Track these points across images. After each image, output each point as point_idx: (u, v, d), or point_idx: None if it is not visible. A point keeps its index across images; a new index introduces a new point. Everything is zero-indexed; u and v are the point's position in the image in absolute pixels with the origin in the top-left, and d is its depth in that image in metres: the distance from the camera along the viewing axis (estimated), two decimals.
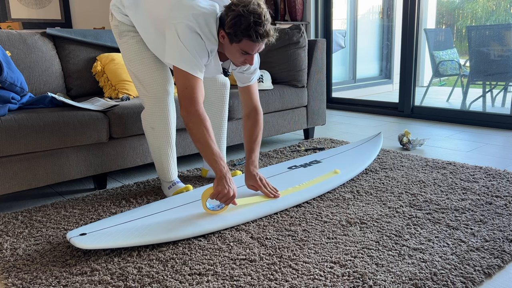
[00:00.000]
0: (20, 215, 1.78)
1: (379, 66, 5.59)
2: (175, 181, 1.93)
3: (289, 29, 2.79)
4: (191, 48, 1.56)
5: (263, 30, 1.53)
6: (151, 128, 1.83)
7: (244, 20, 1.51)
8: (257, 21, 1.51)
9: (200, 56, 1.59)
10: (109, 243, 1.40)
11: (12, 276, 1.31)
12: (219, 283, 1.24)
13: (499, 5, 3.96)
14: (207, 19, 1.58)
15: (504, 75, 3.64)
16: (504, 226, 1.53)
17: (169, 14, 1.60)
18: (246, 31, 1.52)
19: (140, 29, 1.74)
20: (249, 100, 1.87)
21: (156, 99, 1.78)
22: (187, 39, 1.55)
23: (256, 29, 1.52)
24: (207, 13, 1.59)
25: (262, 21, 1.52)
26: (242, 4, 1.53)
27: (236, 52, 1.59)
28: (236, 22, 1.52)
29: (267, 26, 1.54)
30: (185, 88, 1.57)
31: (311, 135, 3.03)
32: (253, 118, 1.86)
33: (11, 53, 2.24)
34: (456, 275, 1.24)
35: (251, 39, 1.53)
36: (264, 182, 1.79)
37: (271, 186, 1.80)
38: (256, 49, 1.58)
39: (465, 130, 3.17)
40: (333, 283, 1.23)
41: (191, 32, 1.55)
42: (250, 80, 1.85)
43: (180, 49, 1.56)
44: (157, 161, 1.90)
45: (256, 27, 1.51)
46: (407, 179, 2.06)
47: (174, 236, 1.48)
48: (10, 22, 4.20)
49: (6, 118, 1.78)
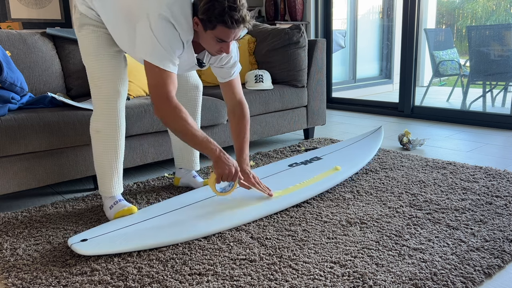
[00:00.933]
0: (20, 215, 1.78)
1: (379, 66, 5.59)
2: (117, 199, 1.72)
3: (289, 29, 2.79)
4: (164, 40, 1.47)
5: (238, 15, 1.45)
6: (96, 131, 1.65)
7: (218, 5, 1.43)
8: (232, 6, 1.43)
9: (173, 48, 1.50)
10: (110, 249, 1.40)
11: (12, 276, 1.31)
12: (219, 283, 1.24)
13: (499, 5, 3.96)
14: (182, 6, 1.50)
15: (504, 75, 3.64)
16: (504, 226, 1.53)
17: (141, 3, 1.51)
18: (221, 16, 1.44)
19: (108, 22, 1.62)
20: (232, 95, 1.80)
21: (105, 99, 1.63)
22: (160, 31, 1.47)
23: (231, 15, 1.44)
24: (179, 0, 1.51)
25: (237, 6, 1.44)
26: None
27: (211, 40, 1.51)
28: (209, 7, 1.44)
29: (242, 12, 1.46)
30: (156, 84, 1.50)
31: (311, 135, 3.03)
32: (238, 113, 1.79)
33: (11, 53, 2.24)
34: (456, 275, 1.24)
35: (226, 25, 1.45)
36: (258, 180, 1.77)
37: (263, 185, 1.79)
38: (232, 36, 1.50)
39: (465, 130, 3.17)
40: (333, 283, 1.23)
41: (165, 22, 1.47)
42: (231, 74, 1.77)
43: (151, 42, 1.47)
44: (99, 171, 1.70)
45: (231, 12, 1.43)
46: (407, 179, 2.06)
47: (174, 239, 1.48)
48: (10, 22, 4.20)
49: (6, 118, 1.78)
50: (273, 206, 1.71)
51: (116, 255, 1.42)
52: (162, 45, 1.47)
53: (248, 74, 2.74)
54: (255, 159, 2.51)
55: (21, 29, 4.13)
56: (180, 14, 1.49)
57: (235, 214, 1.64)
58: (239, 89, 1.81)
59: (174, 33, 1.49)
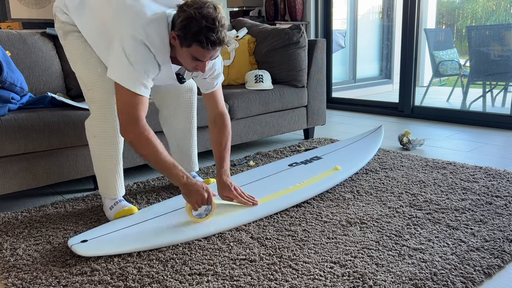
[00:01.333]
0: (20, 215, 1.78)
1: (379, 66, 5.59)
2: (118, 199, 1.72)
3: (289, 29, 2.79)
4: (137, 63, 1.42)
5: (215, 37, 1.38)
6: (93, 136, 1.64)
7: (195, 24, 1.36)
8: (210, 27, 1.37)
9: (146, 71, 1.45)
10: (110, 250, 1.40)
11: (12, 276, 1.31)
12: (219, 283, 1.24)
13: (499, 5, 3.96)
14: (157, 27, 1.44)
15: (504, 75, 3.64)
16: (504, 226, 1.53)
17: (115, 21, 1.47)
18: (196, 36, 1.37)
19: (86, 35, 1.60)
20: (214, 107, 1.75)
21: (100, 104, 1.60)
22: (133, 53, 1.42)
23: (208, 35, 1.37)
24: (157, 19, 1.45)
25: (215, 27, 1.38)
26: (195, 6, 1.39)
27: (187, 57, 1.46)
28: (186, 24, 1.37)
29: (221, 33, 1.40)
30: (125, 106, 1.45)
31: (311, 135, 3.03)
32: (220, 123, 1.75)
33: (11, 53, 2.24)
34: (456, 275, 1.24)
35: (201, 46, 1.39)
36: (240, 192, 1.70)
37: (247, 195, 1.72)
38: (208, 56, 1.44)
39: (465, 130, 3.17)
40: (333, 283, 1.23)
41: (138, 45, 1.42)
42: (214, 85, 1.73)
43: (123, 64, 1.42)
44: (100, 175, 1.70)
45: (207, 33, 1.37)
46: (407, 179, 2.06)
47: (174, 239, 1.48)
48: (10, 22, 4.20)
49: (6, 118, 1.78)
50: (273, 206, 1.71)
51: (116, 255, 1.42)
52: (135, 67, 1.42)
53: (248, 74, 2.74)
54: (255, 159, 2.51)
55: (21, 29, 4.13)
56: (155, 35, 1.44)
57: (235, 214, 1.64)
58: (221, 100, 1.77)
59: (148, 56, 1.44)
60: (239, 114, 2.48)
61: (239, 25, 3.17)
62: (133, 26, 1.42)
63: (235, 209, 1.68)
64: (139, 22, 1.42)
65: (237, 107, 2.46)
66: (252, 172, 2.07)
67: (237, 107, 2.46)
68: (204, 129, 2.37)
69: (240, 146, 2.92)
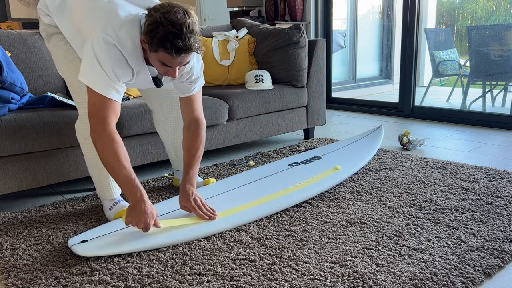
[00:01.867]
0: (20, 215, 1.78)
1: (379, 66, 5.59)
2: (117, 199, 1.72)
3: (289, 29, 2.79)
4: (108, 66, 1.37)
5: (181, 43, 1.32)
6: (84, 138, 1.63)
7: (161, 29, 1.30)
8: (176, 33, 1.30)
9: (118, 75, 1.40)
10: (110, 250, 1.40)
11: (12, 276, 1.31)
12: (219, 283, 1.24)
13: (499, 5, 3.96)
14: (129, 30, 1.39)
15: (504, 75, 3.64)
16: (504, 226, 1.53)
17: (88, 21, 1.42)
18: (162, 42, 1.31)
19: (67, 36, 1.57)
20: (189, 111, 1.68)
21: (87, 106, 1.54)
22: (104, 56, 1.36)
23: (174, 42, 1.31)
24: (130, 21, 1.40)
25: (182, 33, 1.31)
26: (162, 10, 1.33)
27: (156, 62, 1.40)
28: (153, 29, 1.32)
29: (188, 39, 1.33)
30: (95, 109, 1.40)
31: (311, 135, 3.03)
32: (193, 130, 1.67)
33: (11, 53, 2.24)
34: (456, 275, 1.24)
35: (167, 52, 1.33)
36: (199, 203, 1.60)
37: (207, 207, 1.61)
38: (176, 63, 1.38)
39: (465, 130, 3.17)
40: (333, 283, 1.23)
41: (110, 48, 1.37)
42: (191, 90, 1.66)
43: (94, 67, 1.37)
44: (94, 176, 1.69)
45: (173, 40, 1.31)
46: (407, 179, 2.06)
47: (174, 239, 1.48)
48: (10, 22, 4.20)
49: (6, 118, 1.78)
50: (273, 206, 1.71)
51: (116, 255, 1.42)
52: (106, 71, 1.38)
53: (248, 74, 2.74)
54: (255, 159, 2.51)
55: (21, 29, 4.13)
56: (127, 38, 1.39)
57: (235, 214, 1.64)
58: (198, 105, 1.69)
59: (120, 59, 1.39)
60: (239, 114, 2.48)
61: (239, 25, 3.17)
62: (104, 28, 1.37)
63: (235, 209, 1.68)
64: (111, 24, 1.38)
65: (237, 107, 2.46)
66: (252, 172, 2.07)
67: (237, 107, 2.46)
68: (206, 129, 2.37)
69: (240, 146, 2.92)
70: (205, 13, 5.79)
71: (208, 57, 2.87)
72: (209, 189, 1.88)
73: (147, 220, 1.42)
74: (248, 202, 1.73)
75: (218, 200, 1.77)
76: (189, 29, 1.33)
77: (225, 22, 5.66)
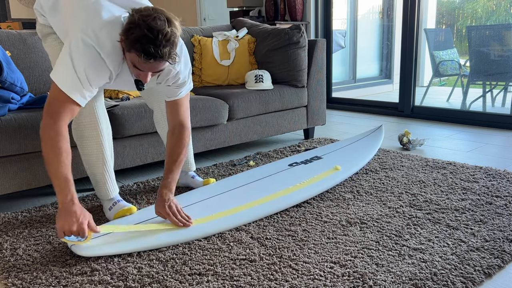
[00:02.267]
0: (20, 215, 1.78)
1: (379, 66, 5.59)
2: (116, 199, 1.70)
3: (289, 29, 2.79)
4: (80, 68, 1.33)
5: (153, 49, 1.27)
6: (80, 137, 1.62)
7: (137, 31, 1.26)
8: (150, 37, 1.26)
9: (90, 78, 1.36)
10: (110, 250, 1.40)
11: (12, 276, 1.31)
12: (219, 283, 1.24)
13: (499, 5, 3.96)
14: (110, 31, 1.35)
15: (504, 75, 3.64)
16: (504, 226, 1.53)
17: (72, 22, 1.39)
18: (134, 43, 1.27)
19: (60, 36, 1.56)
20: (175, 116, 1.64)
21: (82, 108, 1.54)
22: (79, 57, 1.32)
23: (146, 46, 1.26)
24: (111, 22, 1.36)
25: (157, 39, 1.26)
26: (143, 13, 1.29)
27: (130, 62, 1.36)
28: (129, 28, 1.28)
29: (163, 48, 1.28)
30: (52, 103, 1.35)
31: (311, 135, 3.03)
32: (177, 135, 1.63)
33: (11, 53, 2.24)
34: (456, 275, 1.24)
35: (137, 54, 1.28)
36: (174, 210, 1.54)
37: (182, 214, 1.56)
38: (147, 68, 1.33)
39: (465, 130, 3.17)
40: (333, 283, 1.23)
41: (87, 49, 1.33)
42: (177, 94, 1.61)
43: (66, 66, 1.33)
44: (91, 177, 1.68)
45: (146, 44, 1.26)
46: (407, 179, 2.06)
47: (175, 240, 1.48)
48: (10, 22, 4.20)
49: (6, 118, 1.78)
50: (273, 206, 1.71)
51: (116, 255, 1.42)
52: (77, 72, 1.33)
53: (248, 74, 2.74)
54: (255, 159, 2.51)
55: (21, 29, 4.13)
56: (107, 39, 1.35)
57: (235, 214, 1.64)
58: (184, 109, 1.65)
59: (96, 61, 1.35)
60: (239, 114, 2.48)
61: (239, 25, 3.17)
62: (85, 29, 1.34)
63: (235, 209, 1.68)
64: (92, 25, 1.34)
65: (237, 107, 2.46)
66: (252, 172, 2.07)
67: (237, 107, 2.46)
68: (204, 129, 2.37)
69: (240, 146, 2.92)
70: (205, 13, 5.79)
71: (208, 57, 2.87)
72: (209, 189, 1.88)
73: (79, 219, 1.34)
74: (248, 202, 1.73)
75: (218, 200, 1.77)
76: (166, 37, 1.28)
77: (225, 22, 5.66)
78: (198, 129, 2.35)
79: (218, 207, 1.70)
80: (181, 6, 6.05)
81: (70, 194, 1.35)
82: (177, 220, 1.53)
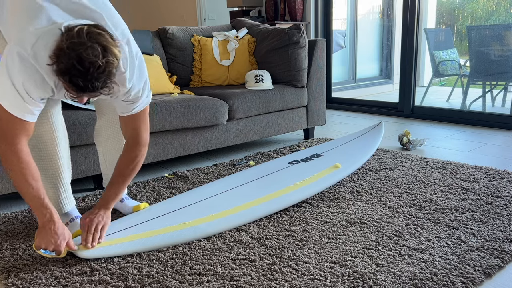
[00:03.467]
0: (20, 215, 1.78)
1: (379, 66, 5.59)
2: (73, 216, 1.58)
3: (289, 29, 2.79)
4: (19, 83, 1.20)
5: (83, 84, 1.14)
6: (32, 146, 1.48)
7: (65, 60, 1.12)
8: (80, 70, 1.12)
9: (31, 92, 1.22)
10: (110, 252, 1.40)
11: (12, 276, 1.31)
12: (219, 283, 1.24)
13: (499, 5, 3.96)
14: (47, 42, 1.18)
15: (504, 75, 3.64)
16: (504, 226, 1.53)
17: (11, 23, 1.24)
18: (62, 74, 1.14)
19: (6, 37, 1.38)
20: (129, 131, 1.48)
21: None
22: (16, 73, 1.19)
23: (74, 79, 1.13)
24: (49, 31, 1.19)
25: (88, 73, 1.12)
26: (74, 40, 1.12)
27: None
28: (57, 55, 1.13)
29: (95, 81, 1.14)
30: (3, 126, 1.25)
31: (311, 135, 3.03)
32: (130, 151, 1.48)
33: None
34: (456, 275, 1.24)
35: (67, 85, 1.17)
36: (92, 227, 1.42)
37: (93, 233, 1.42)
38: (78, 96, 1.20)
39: (465, 130, 3.17)
40: (333, 283, 1.23)
41: (23, 63, 1.19)
42: (131, 110, 1.44)
43: (4, 82, 1.20)
44: (46, 187, 1.53)
45: (75, 77, 1.13)
46: (407, 179, 2.06)
47: (175, 240, 1.48)
48: None
49: None
50: (273, 205, 1.71)
51: (116, 255, 1.42)
52: (16, 88, 1.21)
53: (248, 74, 2.74)
54: (255, 159, 2.51)
55: None
56: (44, 53, 1.18)
57: (235, 214, 1.64)
58: (140, 124, 1.48)
59: (34, 75, 1.21)
60: (239, 114, 2.48)
61: (239, 25, 3.17)
62: (20, 40, 1.19)
63: (235, 209, 1.68)
64: (28, 35, 1.19)
65: (237, 107, 2.46)
66: (252, 171, 2.07)
67: (237, 107, 2.46)
68: (204, 129, 2.37)
69: (240, 146, 2.92)
70: (205, 13, 5.79)
71: (208, 57, 2.87)
72: (209, 189, 1.88)
73: (57, 241, 1.32)
74: (248, 202, 1.73)
75: (218, 200, 1.77)
76: (99, 70, 1.14)
77: (225, 22, 5.66)
78: (198, 129, 2.35)
79: (218, 207, 1.70)
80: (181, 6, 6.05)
81: (49, 213, 1.32)
82: (84, 237, 1.42)
